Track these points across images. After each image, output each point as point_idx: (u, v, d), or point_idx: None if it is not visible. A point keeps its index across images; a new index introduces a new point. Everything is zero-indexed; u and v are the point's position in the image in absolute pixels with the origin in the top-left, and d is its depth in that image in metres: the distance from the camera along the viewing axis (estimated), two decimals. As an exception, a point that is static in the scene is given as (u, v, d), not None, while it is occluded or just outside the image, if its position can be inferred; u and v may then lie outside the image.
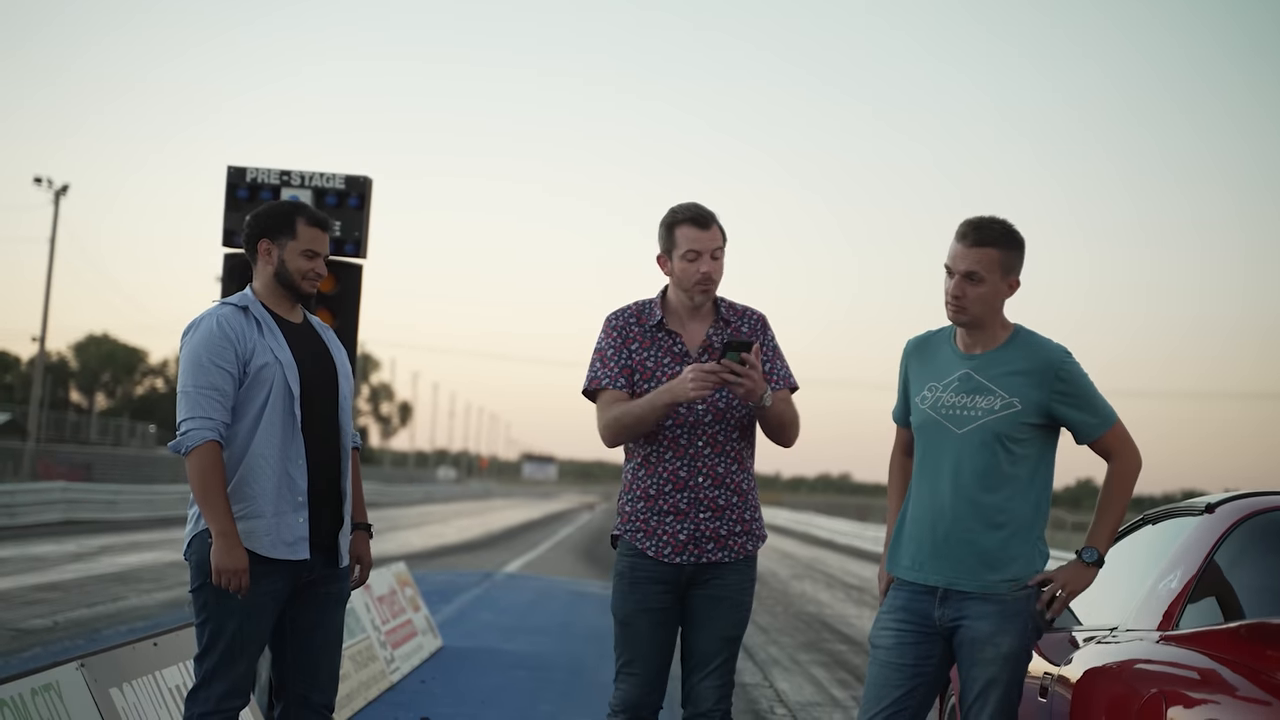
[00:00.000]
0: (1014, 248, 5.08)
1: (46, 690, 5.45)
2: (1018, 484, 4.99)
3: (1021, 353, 5.04)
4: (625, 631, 5.51)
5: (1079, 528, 47.04)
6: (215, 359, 5.23)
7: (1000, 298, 5.07)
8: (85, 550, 25.17)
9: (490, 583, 21.79)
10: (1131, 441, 5.04)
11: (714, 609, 5.47)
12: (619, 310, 5.63)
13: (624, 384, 5.51)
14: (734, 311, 5.61)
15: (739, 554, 5.50)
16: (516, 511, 70.85)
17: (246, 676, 5.31)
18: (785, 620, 19.30)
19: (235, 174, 8.64)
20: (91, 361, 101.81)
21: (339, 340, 5.65)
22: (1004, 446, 4.98)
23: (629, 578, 5.50)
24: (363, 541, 5.58)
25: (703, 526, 5.45)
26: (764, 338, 5.58)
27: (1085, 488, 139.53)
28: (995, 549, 4.97)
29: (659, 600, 5.47)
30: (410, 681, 10.85)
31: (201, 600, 5.26)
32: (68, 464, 50.25)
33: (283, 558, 5.25)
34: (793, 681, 12.90)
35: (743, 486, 5.53)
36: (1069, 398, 4.99)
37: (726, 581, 5.48)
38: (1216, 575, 4.70)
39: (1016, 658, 4.92)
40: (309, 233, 5.41)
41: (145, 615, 15.01)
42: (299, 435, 5.29)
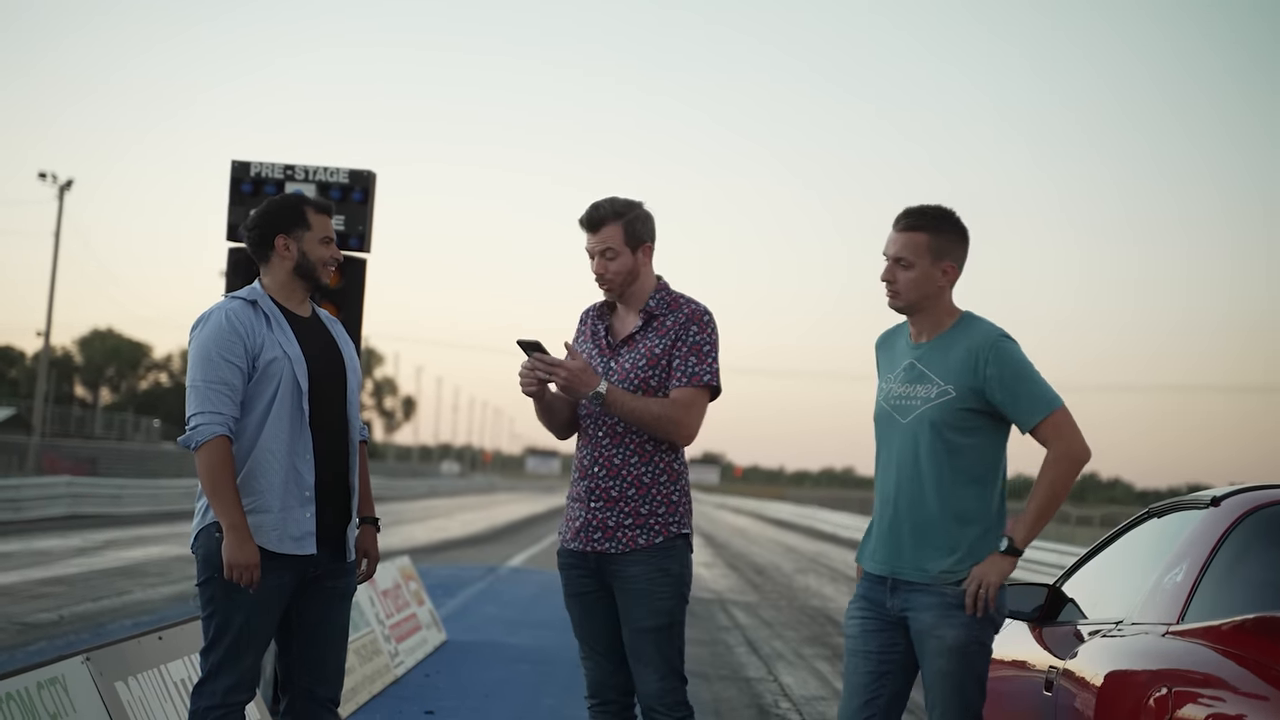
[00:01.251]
0: (945, 232, 5.08)
1: (52, 684, 5.45)
2: (961, 474, 4.98)
3: (961, 338, 5.04)
4: (571, 618, 5.66)
5: (1083, 522, 47.01)
6: (224, 353, 5.23)
7: (932, 283, 5.07)
8: (90, 545, 25.18)
9: (494, 577, 21.80)
10: (1071, 432, 4.93)
11: (625, 601, 5.50)
12: (597, 300, 5.74)
13: None
14: (665, 303, 5.57)
15: (626, 546, 5.45)
16: (520, 505, 70.86)
17: (252, 670, 5.31)
18: (789, 614, 19.30)
19: (239, 168, 8.64)
20: (96, 356, 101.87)
21: (346, 333, 5.66)
22: (944, 435, 4.98)
23: (559, 563, 5.67)
24: (370, 536, 5.58)
25: (593, 515, 5.50)
26: (684, 333, 5.50)
27: (1089, 481, 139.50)
28: (935, 540, 4.98)
29: (580, 585, 5.56)
30: (414, 675, 10.86)
31: (208, 594, 5.27)
32: (72, 458, 50.26)
33: (290, 552, 5.25)
34: (797, 675, 12.90)
35: (643, 480, 5.47)
36: (1001, 382, 4.94)
37: (629, 574, 5.47)
38: (1222, 569, 4.70)
39: (963, 650, 4.92)
40: (320, 220, 5.45)
41: (150, 609, 15.02)
42: (307, 430, 5.29)
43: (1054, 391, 4.97)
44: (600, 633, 5.57)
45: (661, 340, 5.51)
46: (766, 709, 10.78)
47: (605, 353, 5.57)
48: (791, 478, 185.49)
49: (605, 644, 5.58)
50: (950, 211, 5.14)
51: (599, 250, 5.54)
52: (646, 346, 5.52)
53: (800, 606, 20.67)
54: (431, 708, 9.45)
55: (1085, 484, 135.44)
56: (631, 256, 5.54)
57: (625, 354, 5.53)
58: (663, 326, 5.54)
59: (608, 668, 5.59)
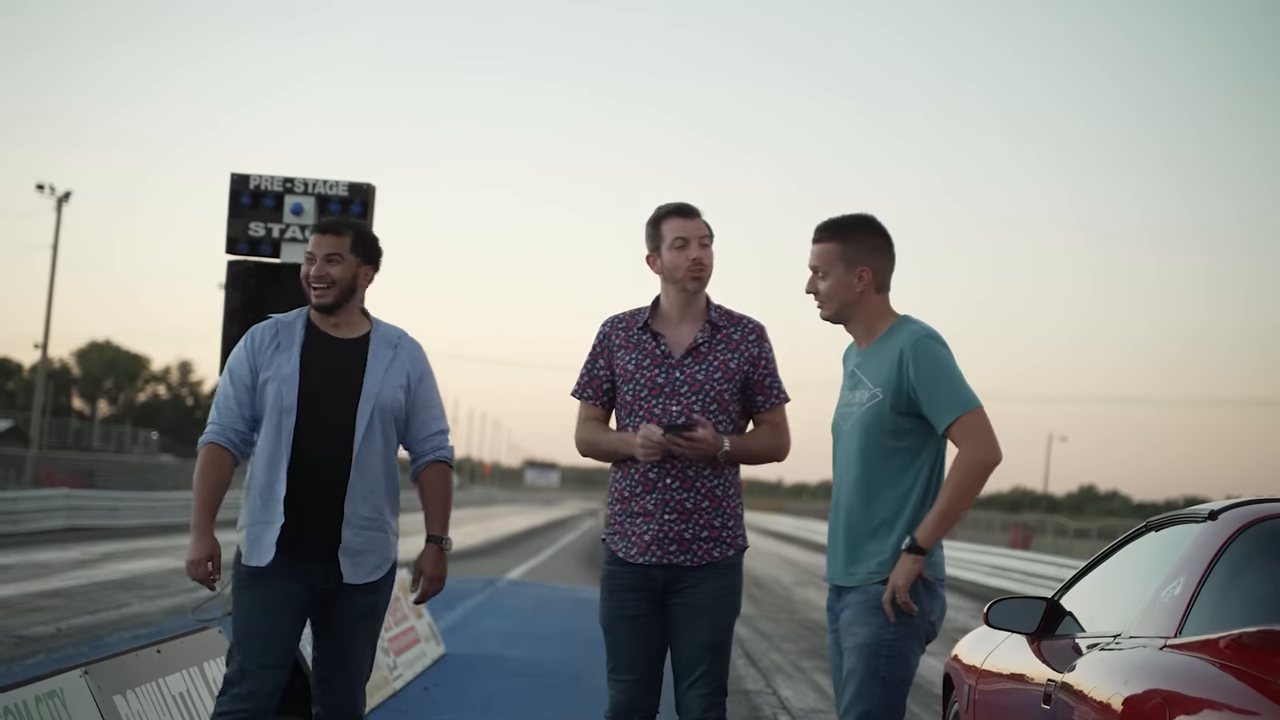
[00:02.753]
0: (855, 239, 5.13)
1: (50, 697, 5.46)
2: (890, 478, 5.00)
3: (893, 341, 5.06)
4: (608, 639, 5.56)
5: (1081, 534, 46.99)
6: (235, 370, 5.49)
7: (850, 289, 5.12)
8: (88, 557, 25.15)
9: (493, 589, 21.78)
10: (982, 436, 4.91)
11: (690, 617, 5.47)
12: (612, 315, 5.69)
13: (591, 395, 5.61)
14: (727, 317, 5.61)
15: (703, 559, 5.47)
16: (519, 518, 70.79)
17: (255, 679, 5.37)
18: (788, 627, 19.29)
19: (238, 181, 8.66)
20: (94, 368, 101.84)
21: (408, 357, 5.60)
22: (875, 439, 5.01)
23: (608, 584, 5.56)
24: (430, 554, 5.62)
25: (668, 528, 5.46)
26: (759, 349, 5.59)
27: (1088, 494, 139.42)
28: (862, 543, 5.02)
29: (635, 607, 5.49)
30: (413, 688, 10.85)
31: (232, 603, 5.51)
32: (70, 471, 50.23)
33: (255, 564, 5.40)
34: (795, 688, 12.90)
35: (716, 492, 5.51)
36: (920, 381, 4.95)
37: (700, 590, 5.47)
38: (1220, 582, 4.70)
39: (872, 650, 4.92)
40: (314, 239, 5.57)
41: (148, 622, 15.00)
42: (285, 448, 5.40)
43: (972, 393, 4.97)
44: (642, 656, 5.50)
45: (734, 355, 5.53)
46: (765, 722, 10.77)
47: (663, 364, 5.52)
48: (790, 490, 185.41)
49: (645, 667, 5.51)
50: (862, 218, 5.18)
51: (699, 236, 5.55)
52: (720, 360, 5.52)
53: (799, 619, 20.67)
54: (430, 721, 9.44)
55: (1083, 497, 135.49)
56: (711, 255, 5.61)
57: (692, 365, 5.50)
58: (730, 340, 5.56)
59: (639, 691, 5.51)
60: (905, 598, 4.90)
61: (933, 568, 5.00)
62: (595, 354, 5.62)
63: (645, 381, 5.51)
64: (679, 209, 5.58)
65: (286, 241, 8.60)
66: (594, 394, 5.61)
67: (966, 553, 37.99)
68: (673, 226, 5.55)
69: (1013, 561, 33.47)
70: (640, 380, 5.52)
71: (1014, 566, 32.56)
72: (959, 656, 6.66)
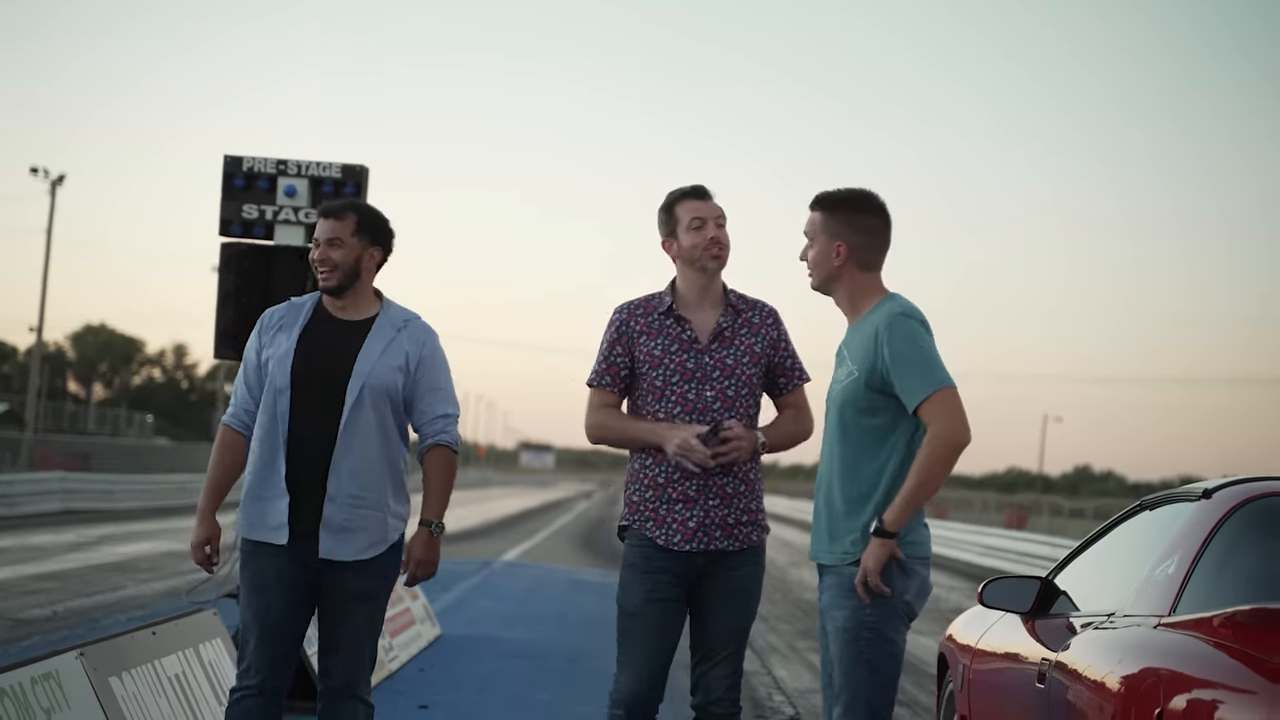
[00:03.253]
0: (839, 212, 5.13)
1: (46, 679, 5.46)
2: (864, 455, 5.00)
3: (872, 319, 5.06)
4: (632, 623, 5.49)
5: (1076, 514, 47.07)
6: (247, 353, 5.61)
7: (829, 261, 5.13)
8: (84, 540, 25.17)
9: (488, 571, 21.79)
10: (952, 415, 4.87)
11: (725, 599, 5.49)
12: (625, 302, 5.65)
13: (609, 383, 5.57)
14: (745, 302, 5.64)
15: (744, 543, 5.51)
16: (514, 500, 70.84)
17: (259, 655, 5.45)
18: (784, 608, 19.31)
19: (231, 163, 8.64)
20: (89, 351, 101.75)
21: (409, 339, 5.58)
22: (849, 416, 5.02)
23: (641, 568, 5.50)
24: (419, 538, 5.55)
25: (712, 514, 5.46)
26: (778, 332, 5.63)
27: (1083, 474, 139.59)
28: (839, 520, 5.02)
29: (668, 590, 5.48)
30: (409, 670, 10.86)
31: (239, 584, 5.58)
32: (65, 454, 50.22)
33: (260, 540, 5.45)
34: (791, 669, 12.92)
35: (750, 476, 5.55)
36: (892, 358, 4.93)
37: (738, 573, 5.51)
38: (1214, 561, 4.70)
39: (853, 633, 4.93)
40: (320, 224, 5.60)
41: (144, 604, 15.01)
42: (280, 426, 5.44)
43: (944, 372, 4.93)
44: (669, 641, 5.50)
45: (758, 338, 5.57)
46: (760, 702, 10.79)
47: (692, 349, 5.52)
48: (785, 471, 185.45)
49: (668, 652, 5.51)
50: (854, 194, 5.17)
51: (714, 216, 5.57)
52: (746, 344, 5.56)
53: (794, 600, 20.69)
54: (425, 702, 9.45)
55: (1078, 477, 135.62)
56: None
57: (720, 350, 5.52)
58: (750, 324, 5.59)
59: (652, 679, 5.48)
60: (876, 580, 4.88)
61: (912, 546, 4.97)
62: (613, 341, 5.58)
63: (675, 367, 5.50)
64: (693, 191, 5.59)
65: (280, 224, 8.58)
66: (612, 381, 5.57)
67: (961, 533, 38.06)
68: (688, 208, 5.55)
69: (1007, 542, 33.54)
70: (670, 365, 5.50)
71: (1009, 547, 32.63)
72: (954, 636, 6.66)
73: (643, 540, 5.51)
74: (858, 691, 4.92)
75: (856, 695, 4.93)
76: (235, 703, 5.46)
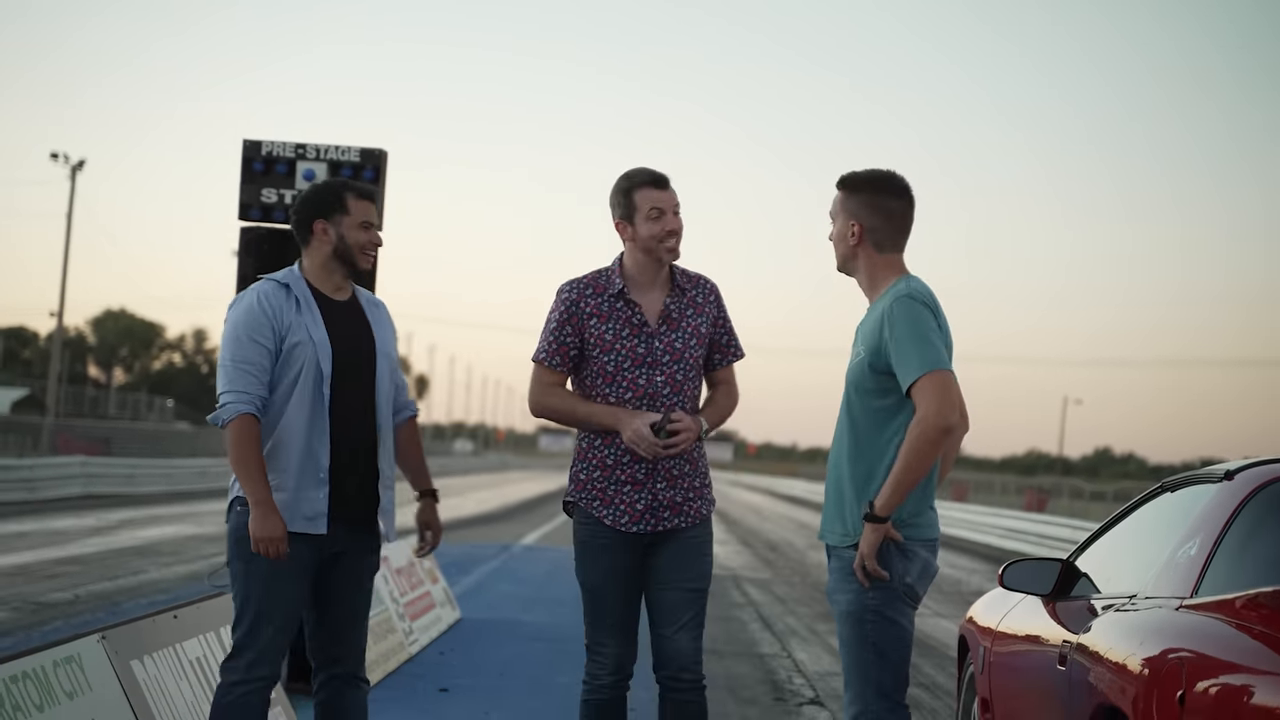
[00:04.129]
0: (858, 193, 5.14)
1: (68, 662, 5.47)
2: (868, 436, 5.00)
3: (883, 300, 5.06)
4: (595, 599, 5.60)
5: (1097, 497, 46.98)
6: (253, 334, 5.35)
7: (845, 241, 5.14)
8: (105, 524, 25.26)
9: (508, 554, 21.84)
10: (939, 398, 4.84)
11: (678, 563, 5.57)
12: (573, 281, 5.66)
13: (559, 362, 5.61)
14: (688, 279, 5.69)
15: (694, 519, 5.61)
16: (533, 483, 70.94)
17: (273, 646, 5.37)
18: (802, 590, 19.32)
19: (251, 147, 8.64)
20: (109, 336, 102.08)
21: (387, 315, 5.69)
22: (857, 398, 5.03)
23: (592, 545, 5.60)
24: (429, 508, 5.69)
25: (660, 496, 5.55)
26: (718, 309, 5.71)
27: (1103, 456, 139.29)
28: (846, 503, 5.02)
29: (623, 563, 5.57)
30: (429, 653, 10.88)
31: (233, 571, 5.41)
32: (86, 438, 50.39)
33: (300, 531, 5.33)
34: (811, 651, 12.93)
35: (694, 455, 5.64)
36: (893, 340, 4.93)
37: (686, 534, 5.60)
38: (1236, 543, 4.68)
39: (857, 617, 4.93)
40: (360, 206, 5.53)
41: (165, 589, 15.06)
42: (325, 413, 5.37)
43: (939, 355, 4.91)
44: (630, 611, 5.62)
45: (702, 318, 5.63)
46: (780, 685, 10.80)
47: (639, 332, 5.56)
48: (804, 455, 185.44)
49: (630, 622, 5.63)
50: (875, 175, 5.17)
51: (673, 206, 5.60)
52: (692, 325, 5.61)
53: (813, 583, 20.69)
54: (446, 685, 9.47)
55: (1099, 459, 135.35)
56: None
57: (668, 334, 5.57)
58: (694, 302, 5.65)
59: (631, 646, 5.63)
60: (873, 565, 4.88)
61: (914, 529, 4.96)
62: (562, 320, 5.60)
63: (626, 352, 5.55)
64: (653, 179, 5.60)
65: (299, 208, 8.58)
66: (561, 361, 5.61)
67: (981, 515, 38.05)
68: (647, 197, 5.57)
69: (1027, 524, 33.51)
70: (621, 350, 5.55)
71: (1029, 529, 32.61)
72: (974, 618, 6.66)
73: (589, 519, 5.60)
74: (866, 674, 4.93)
75: (866, 677, 4.93)
76: (243, 695, 5.34)
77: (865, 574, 4.90)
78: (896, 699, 4.95)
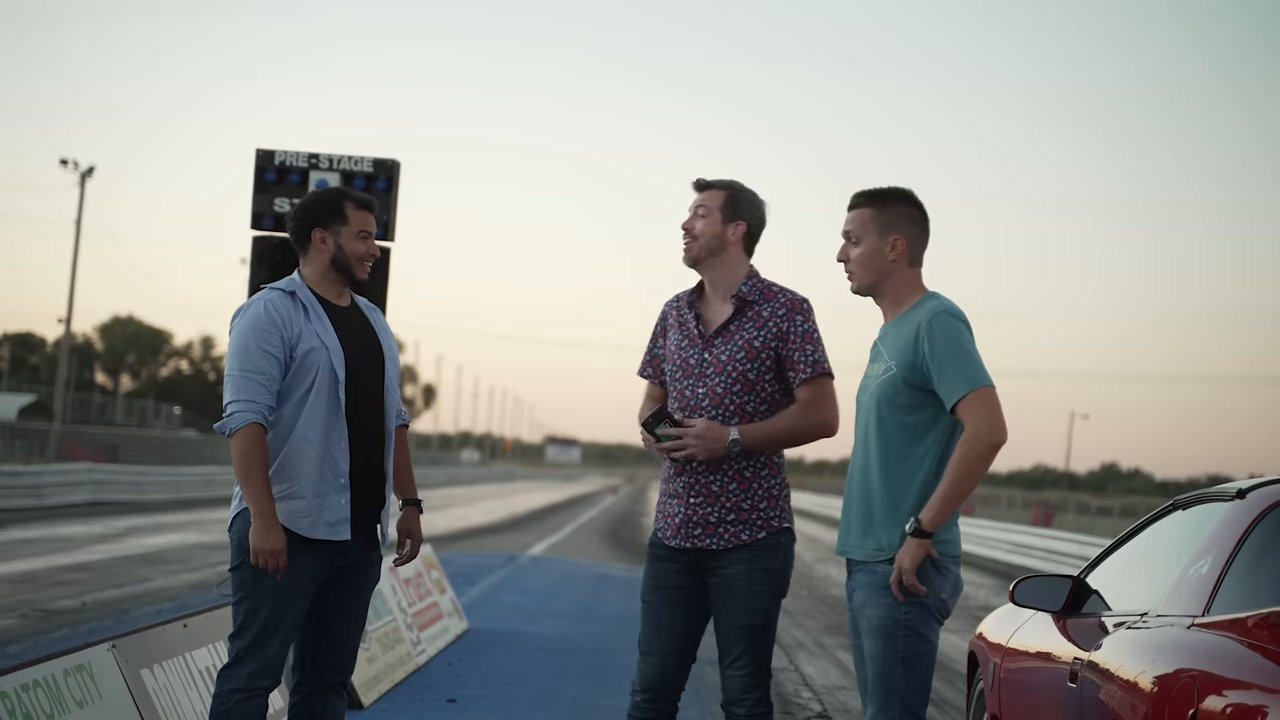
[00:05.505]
0: (891, 207, 5.10)
1: (79, 671, 5.48)
2: (900, 452, 4.98)
3: (914, 315, 5.03)
4: (644, 609, 5.55)
5: (1103, 512, 46.94)
6: (261, 343, 5.31)
7: (882, 257, 5.08)
8: (112, 531, 25.27)
9: (515, 565, 21.82)
10: (989, 414, 4.85)
11: (723, 599, 5.45)
12: (678, 293, 5.69)
13: (651, 374, 5.64)
14: (763, 292, 5.52)
15: (729, 542, 5.41)
16: (540, 494, 70.92)
17: (278, 656, 5.36)
18: (810, 604, 19.30)
19: (263, 156, 8.66)
20: (117, 343, 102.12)
21: (385, 321, 5.72)
22: (887, 413, 4.99)
23: (649, 556, 5.60)
24: (413, 517, 5.68)
25: (693, 511, 5.45)
26: (789, 324, 5.46)
27: (1110, 472, 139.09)
28: (876, 518, 5.00)
29: (673, 579, 5.49)
30: (436, 663, 10.88)
31: (239, 579, 5.35)
32: (93, 445, 50.41)
33: (324, 538, 5.33)
34: (818, 665, 12.91)
35: (744, 474, 5.44)
36: (933, 356, 4.91)
37: (732, 570, 5.44)
38: (1248, 561, 4.68)
39: (888, 631, 4.92)
40: (359, 216, 5.51)
41: (172, 596, 15.07)
42: (342, 418, 5.37)
43: (983, 371, 4.91)
44: (676, 630, 5.48)
45: (760, 332, 5.45)
46: (788, 698, 10.78)
47: (697, 344, 5.50)
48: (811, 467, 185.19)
49: (678, 641, 5.49)
50: (900, 189, 5.15)
51: (693, 208, 5.56)
52: (744, 339, 5.45)
53: (820, 596, 20.66)
54: (454, 696, 9.47)
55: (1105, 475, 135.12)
56: (721, 226, 5.52)
57: (720, 346, 5.47)
58: (759, 317, 5.47)
59: (669, 665, 5.48)
60: (912, 580, 4.88)
61: (945, 545, 4.96)
62: (656, 333, 5.66)
63: (680, 362, 5.51)
64: (694, 181, 5.63)
65: (311, 217, 8.59)
66: (653, 373, 5.63)
67: (988, 530, 37.96)
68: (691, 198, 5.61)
69: (1034, 539, 33.43)
70: (677, 360, 5.52)
71: (1035, 544, 32.53)
72: (984, 634, 6.65)
73: (653, 531, 5.61)
74: (894, 689, 4.92)
75: (892, 693, 4.92)
76: (241, 703, 5.32)
77: (901, 588, 4.90)
78: (919, 714, 4.96)
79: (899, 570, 4.88)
